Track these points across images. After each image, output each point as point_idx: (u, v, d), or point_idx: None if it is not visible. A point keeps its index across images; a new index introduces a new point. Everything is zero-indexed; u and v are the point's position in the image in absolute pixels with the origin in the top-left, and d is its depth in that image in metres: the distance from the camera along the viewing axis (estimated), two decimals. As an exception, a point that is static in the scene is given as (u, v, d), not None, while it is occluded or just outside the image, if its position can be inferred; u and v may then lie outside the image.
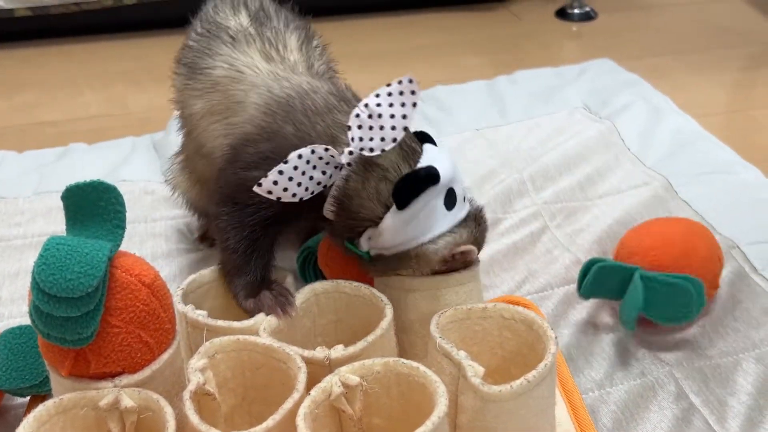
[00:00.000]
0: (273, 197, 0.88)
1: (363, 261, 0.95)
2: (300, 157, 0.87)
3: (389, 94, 0.89)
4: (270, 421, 0.73)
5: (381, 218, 0.89)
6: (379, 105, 0.89)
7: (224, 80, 1.03)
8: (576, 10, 2.41)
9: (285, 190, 0.87)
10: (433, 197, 0.88)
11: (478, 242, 0.94)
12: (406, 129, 0.89)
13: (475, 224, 0.93)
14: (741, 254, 1.23)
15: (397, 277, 0.92)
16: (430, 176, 0.87)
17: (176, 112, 1.20)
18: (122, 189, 0.80)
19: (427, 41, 2.28)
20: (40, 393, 0.95)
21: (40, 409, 0.76)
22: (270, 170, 0.87)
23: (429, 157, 0.91)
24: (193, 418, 0.74)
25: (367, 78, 2.00)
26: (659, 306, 1.03)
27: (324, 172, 0.89)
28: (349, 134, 0.89)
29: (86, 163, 1.56)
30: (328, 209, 0.93)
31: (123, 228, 0.80)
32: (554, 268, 1.24)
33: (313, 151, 0.88)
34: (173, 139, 1.33)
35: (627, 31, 2.31)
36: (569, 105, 1.73)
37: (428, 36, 2.31)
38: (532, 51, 2.22)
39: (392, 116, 0.89)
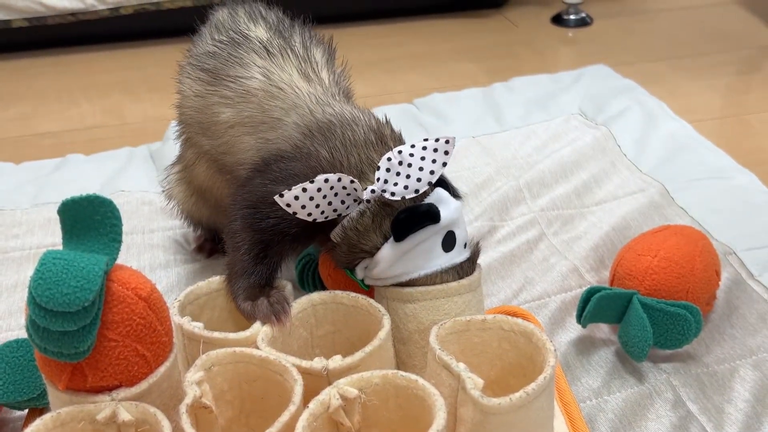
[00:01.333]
0: (290, 211, 0.90)
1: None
2: (326, 181, 0.89)
3: (424, 148, 0.92)
4: (267, 434, 0.73)
5: (378, 249, 0.91)
6: (411, 155, 0.91)
7: (260, 93, 1.03)
8: (572, 17, 2.42)
9: (303, 207, 0.90)
10: (432, 235, 0.90)
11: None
12: (430, 184, 0.91)
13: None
14: (737, 260, 1.23)
15: (395, 288, 0.93)
16: (430, 213, 0.89)
17: (174, 121, 1.20)
18: (120, 200, 0.81)
19: (422, 49, 2.28)
20: (37, 406, 0.95)
21: (38, 423, 0.76)
22: (287, 222, 0.91)
23: (435, 197, 0.92)
24: (190, 431, 0.74)
25: (362, 86, 2.01)
26: (656, 333, 1.03)
27: (343, 202, 0.92)
28: (377, 174, 0.91)
29: (84, 174, 1.56)
30: (336, 234, 0.94)
31: (119, 241, 0.80)
32: (551, 275, 1.24)
33: (339, 179, 0.90)
34: (170, 149, 1.33)
35: (622, 37, 2.32)
36: (565, 111, 1.74)
37: (424, 43, 2.32)
38: (527, 57, 2.23)
39: (421, 169, 0.91)
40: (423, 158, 0.92)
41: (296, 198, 0.89)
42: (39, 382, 0.92)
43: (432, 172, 0.91)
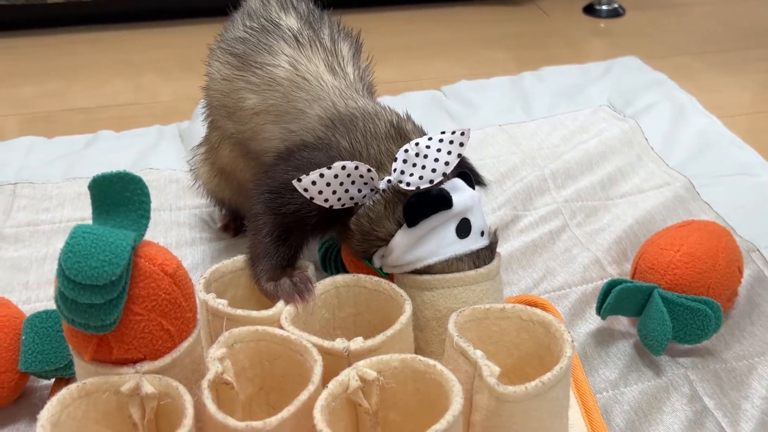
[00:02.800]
0: (307, 196, 0.91)
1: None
2: (344, 168, 0.91)
3: (441, 141, 0.94)
4: (285, 412, 0.74)
5: (392, 236, 0.93)
6: (428, 147, 0.93)
7: (286, 83, 1.05)
8: (604, 7, 2.41)
9: (320, 193, 0.91)
10: (445, 221, 0.92)
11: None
12: (444, 175, 0.93)
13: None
14: (761, 257, 1.23)
15: (412, 276, 0.93)
16: (441, 197, 0.91)
17: (202, 101, 1.22)
18: (148, 177, 0.82)
19: (452, 35, 2.28)
20: (64, 376, 0.97)
21: (64, 392, 0.77)
22: (307, 207, 0.94)
23: (450, 185, 0.93)
24: (211, 407, 0.75)
25: (390, 72, 2.03)
26: (675, 327, 1.03)
27: (360, 190, 0.93)
28: (393, 165, 0.93)
29: (114, 151, 1.58)
30: (352, 222, 0.96)
31: (147, 218, 0.81)
32: (573, 267, 1.25)
33: (357, 167, 0.92)
34: (199, 128, 1.34)
35: (655, 29, 2.30)
36: (594, 103, 1.73)
37: (454, 30, 2.32)
38: (558, 47, 2.22)
39: (436, 160, 0.93)
40: (439, 150, 0.93)
41: (313, 183, 0.91)
42: (66, 353, 0.94)
43: (447, 163, 0.93)
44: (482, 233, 0.94)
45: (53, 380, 1.00)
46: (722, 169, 1.48)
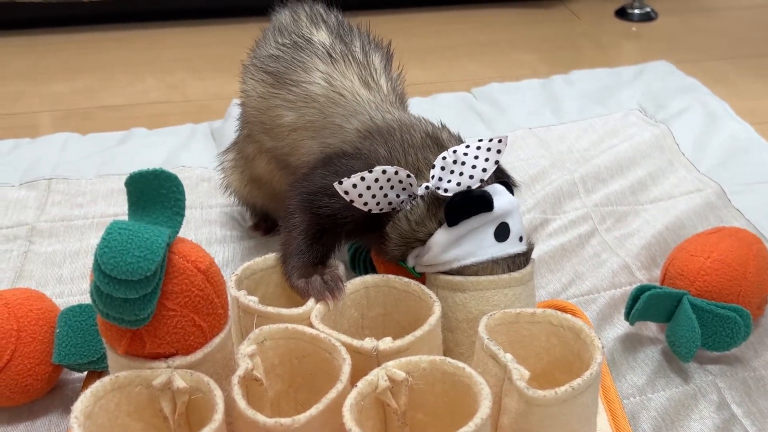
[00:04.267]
0: (347, 198, 0.93)
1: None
2: (384, 172, 0.92)
3: (478, 148, 0.95)
4: (313, 410, 0.75)
5: (431, 235, 0.93)
6: (466, 154, 0.95)
7: (322, 99, 1.06)
8: (636, 10, 2.39)
9: (360, 196, 0.93)
10: (484, 223, 0.92)
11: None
12: (482, 181, 0.94)
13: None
14: (792, 266, 1.22)
15: (446, 277, 0.94)
16: (483, 199, 0.91)
17: (237, 109, 1.23)
18: (181, 175, 0.83)
19: (483, 37, 2.28)
20: (96, 369, 0.98)
21: (97, 385, 0.79)
22: (346, 213, 0.95)
23: (490, 189, 0.94)
24: (240, 402, 0.76)
25: (421, 73, 2.03)
26: (705, 334, 1.03)
27: (398, 195, 0.94)
28: (432, 172, 0.94)
29: (147, 148, 1.60)
30: (390, 227, 0.96)
31: (182, 215, 0.82)
32: (601, 271, 1.24)
33: (397, 172, 0.93)
34: (231, 127, 1.36)
35: (687, 34, 2.28)
36: (624, 107, 1.72)
37: (484, 32, 2.31)
38: (589, 50, 2.21)
39: (474, 167, 0.94)
40: (476, 157, 0.94)
41: (354, 186, 0.92)
42: (99, 346, 0.96)
43: (484, 170, 0.94)
44: (520, 239, 0.95)
45: (86, 373, 1.01)
46: (754, 175, 1.46)
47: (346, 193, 0.92)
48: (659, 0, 2.44)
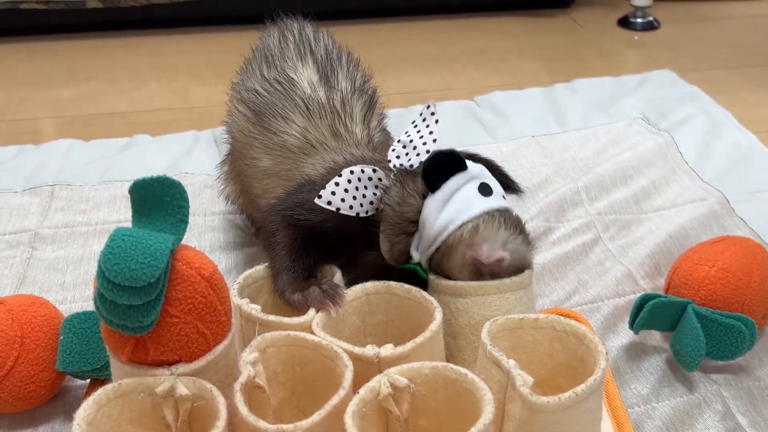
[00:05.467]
0: (332, 208, 0.95)
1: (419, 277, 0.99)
2: (352, 173, 0.97)
3: (415, 126, 1.02)
4: (315, 417, 0.75)
5: (420, 211, 0.96)
6: (410, 134, 1.01)
7: (297, 150, 1.10)
8: (639, 20, 2.39)
9: (343, 201, 0.96)
10: (465, 182, 0.95)
11: (519, 252, 0.96)
12: (435, 141, 0.98)
13: (514, 230, 0.96)
14: (796, 275, 1.21)
15: (447, 282, 0.94)
16: (452, 154, 0.95)
17: (224, 128, 1.27)
18: (183, 182, 0.83)
19: (485, 45, 2.28)
20: (99, 377, 0.98)
21: (100, 392, 0.79)
22: (325, 216, 0.98)
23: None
24: (243, 409, 0.76)
25: (423, 81, 2.03)
26: (709, 343, 1.02)
27: (374, 193, 0.98)
28: (390, 156, 1.00)
29: (150, 155, 1.60)
30: (381, 228, 0.99)
31: (186, 222, 0.82)
32: (605, 280, 1.24)
33: (363, 170, 0.98)
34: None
35: (689, 43, 2.29)
36: (627, 116, 1.72)
37: (487, 40, 2.32)
38: (592, 59, 2.21)
39: (421, 137, 1.00)
40: (419, 131, 1.01)
41: (333, 194, 0.96)
42: (103, 354, 0.96)
43: (431, 133, 1.00)
44: (503, 197, 0.97)
45: (88, 381, 1.01)
46: (758, 184, 1.46)
47: (329, 203, 0.95)
48: (662, 9, 2.44)
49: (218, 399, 0.78)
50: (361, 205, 0.97)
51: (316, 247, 1.01)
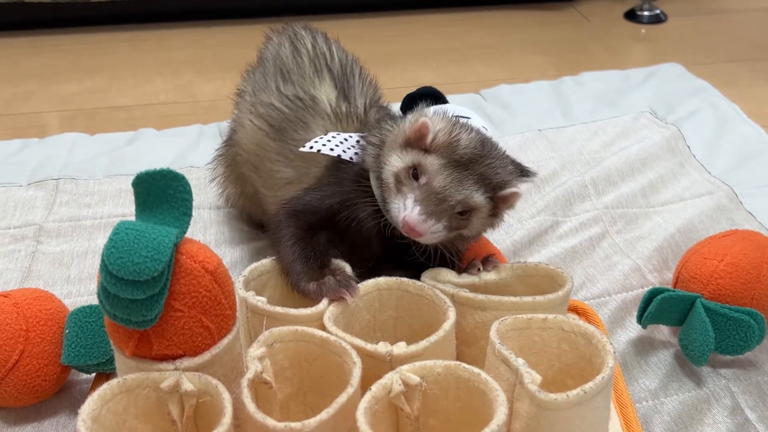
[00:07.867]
0: (314, 150, 1.02)
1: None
2: (334, 137, 1.04)
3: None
4: (324, 414, 0.74)
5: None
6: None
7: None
8: (646, 13, 2.38)
9: (324, 146, 1.02)
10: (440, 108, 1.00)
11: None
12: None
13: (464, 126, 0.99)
14: (806, 269, 1.20)
15: (467, 294, 0.93)
16: (430, 88, 1.04)
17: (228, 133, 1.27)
18: (189, 175, 0.83)
19: (492, 39, 2.27)
20: (105, 371, 0.98)
21: (105, 387, 0.78)
22: (329, 195, 1.01)
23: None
24: (250, 406, 0.75)
25: (430, 74, 2.02)
26: (718, 338, 1.02)
27: (357, 151, 1.04)
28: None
29: (155, 149, 1.60)
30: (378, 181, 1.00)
31: (189, 215, 0.81)
32: (613, 274, 1.23)
33: (346, 139, 1.04)
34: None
35: (697, 36, 2.27)
36: (635, 109, 1.71)
37: (494, 34, 2.31)
38: (598, 52, 2.20)
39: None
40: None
41: (322, 144, 1.02)
42: (108, 349, 0.95)
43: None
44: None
45: (94, 375, 1.01)
46: (766, 178, 1.45)
47: (311, 147, 1.01)
48: (669, 2, 2.43)
49: (223, 395, 0.78)
50: (344, 151, 1.01)
51: (321, 229, 1.00)
